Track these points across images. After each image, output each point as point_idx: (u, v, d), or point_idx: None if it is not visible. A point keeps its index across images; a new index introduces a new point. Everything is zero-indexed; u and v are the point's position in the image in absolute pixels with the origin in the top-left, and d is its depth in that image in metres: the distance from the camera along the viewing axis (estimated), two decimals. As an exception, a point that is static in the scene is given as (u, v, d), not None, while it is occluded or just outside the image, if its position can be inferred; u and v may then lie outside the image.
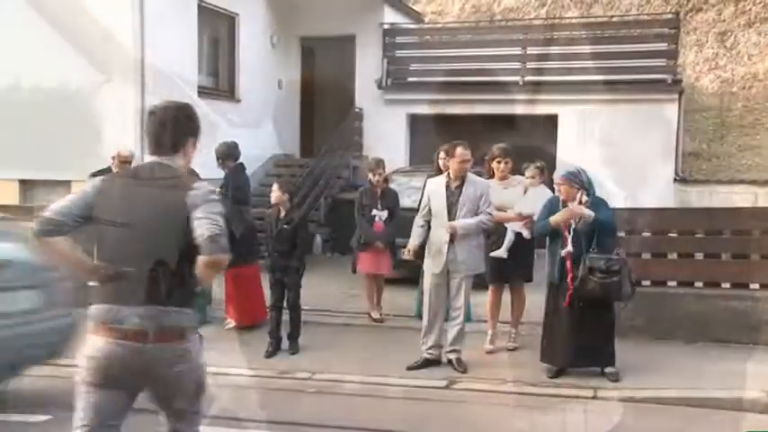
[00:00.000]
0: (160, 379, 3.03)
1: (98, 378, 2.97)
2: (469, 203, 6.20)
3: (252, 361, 6.70)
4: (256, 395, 6.00)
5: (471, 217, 6.20)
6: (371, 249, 8.07)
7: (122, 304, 2.94)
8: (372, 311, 8.20)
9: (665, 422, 5.26)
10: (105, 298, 2.99)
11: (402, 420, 5.27)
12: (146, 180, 3.07)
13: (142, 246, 2.96)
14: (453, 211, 6.22)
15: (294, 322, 7.05)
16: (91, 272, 3.08)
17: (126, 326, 2.91)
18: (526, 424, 5.21)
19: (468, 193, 6.23)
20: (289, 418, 5.28)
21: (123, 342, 2.92)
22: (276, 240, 6.96)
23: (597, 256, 5.85)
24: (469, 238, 6.23)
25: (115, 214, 3.00)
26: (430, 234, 6.35)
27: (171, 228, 2.95)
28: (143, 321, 2.91)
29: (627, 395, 5.73)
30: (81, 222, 3.05)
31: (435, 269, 6.29)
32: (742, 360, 6.42)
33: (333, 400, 5.86)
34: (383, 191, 8.25)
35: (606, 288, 5.79)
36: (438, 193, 6.34)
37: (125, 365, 2.94)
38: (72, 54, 10.34)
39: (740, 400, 5.53)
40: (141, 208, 3.00)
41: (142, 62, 10.47)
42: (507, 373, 6.24)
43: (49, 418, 5.38)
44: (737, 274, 7.27)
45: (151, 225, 2.97)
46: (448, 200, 6.25)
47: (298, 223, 7.09)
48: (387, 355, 6.95)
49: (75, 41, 10.32)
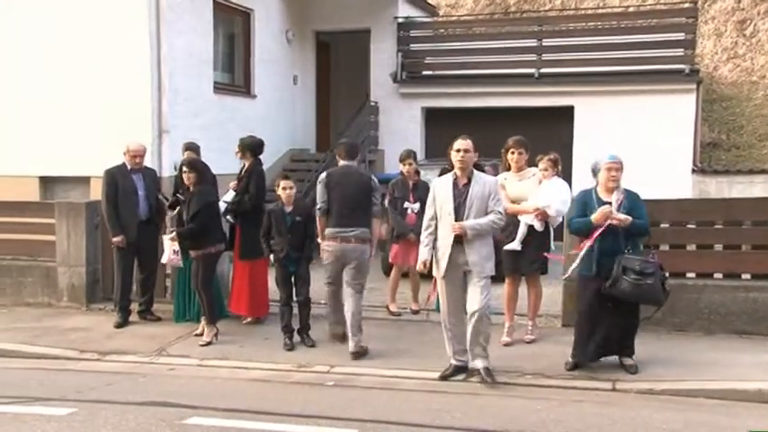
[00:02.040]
0: (355, 260, 6.70)
1: (333, 258, 6.76)
2: (478, 202, 5.85)
3: (271, 354, 6.77)
4: (278, 389, 6.07)
5: (479, 214, 5.86)
6: (405, 242, 8.08)
7: (344, 227, 6.69)
8: (391, 305, 8.20)
9: (685, 414, 5.24)
10: (336, 224, 6.72)
11: (420, 412, 5.29)
12: (352, 172, 6.86)
13: (353, 202, 6.72)
14: (461, 212, 5.85)
15: (305, 317, 7.05)
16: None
17: (347, 236, 6.65)
18: (547, 416, 5.21)
19: (475, 192, 5.88)
20: (307, 412, 5.32)
21: (345, 244, 6.68)
22: (290, 233, 6.94)
23: (632, 257, 5.75)
24: (480, 238, 5.89)
25: (342, 189, 6.75)
26: (437, 236, 5.99)
27: (364, 195, 6.80)
28: (354, 234, 6.66)
29: (646, 387, 5.73)
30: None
31: (441, 273, 5.96)
32: (763, 351, 6.41)
33: (352, 393, 5.90)
34: (415, 183, 8.24)
35: (639, 290, 5.68)
36: (444, 193, 5.96)
37: (345, 253, 6.71)
38: (89, 52, 10.45)
39: (761, 391, 5.51)
40: (352, 184, 6.78)
41: (158, 59, 10.52)
42: (526, 365, 6.24)
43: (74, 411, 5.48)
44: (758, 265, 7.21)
45: (357, 193, 6.76)
46: (455, 200, 5.88)
47: (308, 214, 7.12)
48: (406, 347, 6.98)
49: (93, 39, 10.42)
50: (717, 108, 14.04)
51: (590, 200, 5.97)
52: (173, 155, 10.30)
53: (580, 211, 5.99)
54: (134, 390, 6.03)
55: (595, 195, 5.98)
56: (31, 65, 10.82)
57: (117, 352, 7.13)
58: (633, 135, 12.08)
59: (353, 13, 14.06)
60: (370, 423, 5.04)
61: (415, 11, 15.08)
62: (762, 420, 5.07)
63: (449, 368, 6.09)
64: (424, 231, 6.08)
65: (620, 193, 5.91)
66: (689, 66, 12.67)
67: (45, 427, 5.14)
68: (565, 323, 7.39)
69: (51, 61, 10.68)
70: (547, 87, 13.13)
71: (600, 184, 6.01)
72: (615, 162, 5.91)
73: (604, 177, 5.92)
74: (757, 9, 15.43)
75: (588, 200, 5.98)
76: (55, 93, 10.69)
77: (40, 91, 10.77)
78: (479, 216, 5.84)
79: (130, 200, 7.96)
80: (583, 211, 5.96)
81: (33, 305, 8.83)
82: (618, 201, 5.85)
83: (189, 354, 6.97)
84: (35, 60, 10.79)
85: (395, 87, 14.08)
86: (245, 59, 12.85)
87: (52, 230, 8.76)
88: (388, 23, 14.11)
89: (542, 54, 13.50)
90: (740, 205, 7.84)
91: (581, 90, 12.97)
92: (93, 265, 8.75)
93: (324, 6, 14.08)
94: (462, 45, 14.41)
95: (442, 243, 5.94)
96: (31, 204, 9.69)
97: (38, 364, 6.96)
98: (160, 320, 8.08)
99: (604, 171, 5.91)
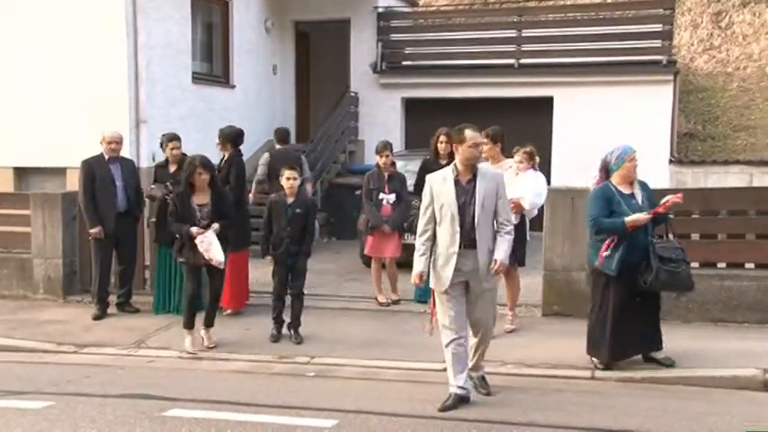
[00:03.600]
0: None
1: None
2: (487, 200, 5.10)
3: (254, 345, 6.74)
4: (259, 380, 6.03)
5: (490, 213, 5.14)
6: (379, 233, 8.06)
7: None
8: (379, 296, 8.16)
9: (664, 401, 5.28)
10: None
11: (402, 402, 5.29)
12: (288, 152, 6.51)
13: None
14: (468, 214, 5.07)
15: (297, 310, 6.94)
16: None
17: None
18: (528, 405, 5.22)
19: (482, 189, 5.10)
20: (288, 402, 5.30)
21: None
22: (289, 225, 6.83)
23: (666, 246, 5.55)
24: (491, 243, 5.15)
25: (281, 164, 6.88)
26: (436, 242, 5.20)
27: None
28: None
29: (626, 375, 5.77)
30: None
31: (444, 286, 5.14)
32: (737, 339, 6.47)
33: (332, 384, 5.88)
34: (390, 174, 8.20)
35: (677, 278, 5.48)
36: (446, 193, 5.12)
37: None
38: (65, 42, 10.28)
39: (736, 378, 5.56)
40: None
41: (135, 48, 10.38)
42: (507, 355, 6.24)
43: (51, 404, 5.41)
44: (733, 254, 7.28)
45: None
46: (458, 200, 5.08)
47: (310, 207, 7.06)
48: (386, 338, 6.97)
49: (69, 28, 10.24)
50: (693, 99, 14.16)
51: (612, 195, 5.60)
52: (150, 145, 10.20)
53: (603, 209, 5.59)
54: (113, 382, 5.96)
55: (616, 189, 5.64)
56: (5, 56, 10.63)
57: (95, 344, 7.05)
58: (611, 125, 12.13)
59: (333, 2, 13.98)
60: (351, 414, 5.03)
61: (394, 1, 15.01)
62: (737, 406, 5.14)
63: (449, 398, 5.16)
64: (420, 238, 5.25)
65: (638, 187, 5.69)
66: (666, 57, 12.75)
67: (20, 421, 5.07)
68: (545, 313, 7.45)
69: (27, 52, 10.50)
70: (526, 78, 13.15)
71: (618, 176, 5.67)
72: (634, 152, 5.68)
73: (627, 169, 5.63)
74: (732, 1, 15.56)
75: (611, 195, 5.61)
76: (30, 83, 10.53)
77: (15, 82, 10.60)
78: (488, 216, 5.13)
79: (108, 191, 7.85)
80: (607, 208, 5.57)
81: (8, 297, 8.70)
82: (640, 197, 5.63)
83: (169, 345, 6.91)
84: (10, 51, 10.60)
85: (375, 78, 14.03)
86: (224, 49, 12.73)
87: (27, 222, 8.64)
88: (367, 13, 14.04)
89: (522, 45, 13.52)
90: (717, 195, 7.89)
91: (560, 81, 13.01)
92: (70, 256, 8.64)
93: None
94: (442, 35, 14.40)
95: (443, 251, 5.12)
96: (5, 195, 9.55)
97: (13, 357, 6.88)
98: (139, 312, 8.00)
99: (627, 163, 5.61)
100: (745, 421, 4.76)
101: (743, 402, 5.25)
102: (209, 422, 4.93)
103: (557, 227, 7.36)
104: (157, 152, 9.16)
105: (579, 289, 7.29)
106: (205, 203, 6.56)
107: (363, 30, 14.06)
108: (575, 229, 7.28)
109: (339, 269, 9.82)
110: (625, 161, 5.64)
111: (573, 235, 7.31)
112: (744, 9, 15.44)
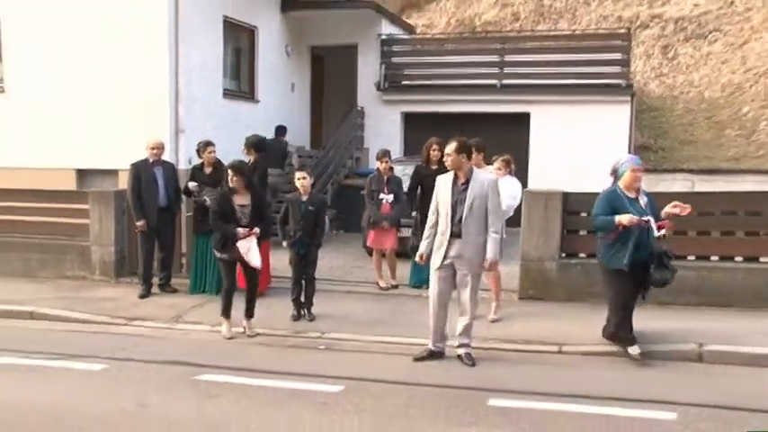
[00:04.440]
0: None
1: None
2: (479, 200, 5.30)
3: (273, 322, 6.74)
4: (277, 351, 6.06)
5: (479, 212, 5.32)
6: (379, 228, 8.05)
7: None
8: (380, 281, 8.14)
9: (624, 372, 5.29)
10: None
11: (398, 372, 5.30)
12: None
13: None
14: (458, 210, 5.33)
15: (310, 293, 6.93)
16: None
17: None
18: (506, 375, 5.23)
19: (473, 190, 5.32)
20: (302, 370, 5.32)
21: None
22: (302, 220, 6.80)
23: (664, 246, 5.38)
24: (475, 237, 5.34)
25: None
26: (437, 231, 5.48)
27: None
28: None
29: (589, 350, 5.75)
30: None
31: (436, 264, 5.45)
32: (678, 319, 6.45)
33: (339, 356, 5.89)
34: (389, 177, 8.18)
35: (671, 274, 5.35)
36: (444, 191, 5.43)
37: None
38: (118, 65, 10.29)
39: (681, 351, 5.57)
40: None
41: (176, 68, 10.36)
42: (488, 333, 6.24)
43: (105, 367, 5.44)
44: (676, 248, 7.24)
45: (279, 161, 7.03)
46: (453, 197, 5.35)
47: (321, 205, 7.04)
48: (386, 317, 6.98)
49: (121, 54, 10.26)
50: (646, 116, 14.16)
51: (618, 198, 5.42)
52: (187, 151, 10.20)
53: (605, 209, 5.44)
54: (155, 350, 5.99)
55: (623, 194, 5.44)
56: (72, 80, 10.61)
57: (141, 318, 7.08)
58: (579, 138, 12.13)
59: (343, 30, 13.93)
60: (355, 381, 5.05)
61: (395, 29, 14.97)
62: (677, 372, 5.15)
63: (424, 352, 5.59)
64: (427, 225, 5.57)
65: (642, 194, 5.50)
66: (624, 81, 12.72)
67: (82, 380, 5.14)
68: (521, 297, 7.42)
69: (87, 75, 10.49)
70: (507, 96, 13.09)
71: (623, 183, 5.48)
72: (641, 166, 5.52)
73: (630, 178, 5.43)
74: (677, 36, 15.66)
75: (616, 198, 5.43)
76: (89, 100, 10.50)
77: (79, 98, 10.57)
78: (480, 213, 5.32)
79: (151, 189, 7.86)
80: (609, 208, 5.41)
81: (71, 278, 8.73)
82: (644, 203, 5.46)
83: (202, 321, 6.93)
84: (74, 75, 10.59)
85: (378, 95, 13.99)
86: (250, 69, 12.69)
87: (87, 215, 8.68)
88: (372, 40, 13.99)
89: (503, 68, 13.48)
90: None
91: (536, 99, 12.97)
92: (121, 244, 8.65)
93: (318, 25, 13.93)
94: (436, 59, 14.34)
95: (439, 237, 5.43)
96: (69, 193, 9.58)
97: (75, 327, 6.94)
98: (177, 292, 8.01)
99: (630, 173, 5.42)
100: (687, 383, 4.81)
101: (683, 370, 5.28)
102: (234, 385, 4.97)
103: (533, 223, 7.35)
104: (193, 157, 9.14)
105: (551, 277, 7.31)
106: (246, 204, 6.30)
107: (369, 54, 14.01)
108: (547, 226, 7.28)
109: (346, 258, 9.82)
110: (628, 170, 5.44)
111: (546, 230, 7.30)
112: (687, 43, 15.50)
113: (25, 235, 9.00)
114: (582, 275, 7.20)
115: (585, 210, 7.30)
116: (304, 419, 4.32)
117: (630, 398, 4.64)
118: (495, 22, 17.64)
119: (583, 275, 7.19)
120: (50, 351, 5.91)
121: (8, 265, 8.94)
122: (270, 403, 4.63)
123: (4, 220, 9.07)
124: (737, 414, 4.32)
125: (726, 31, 15.19)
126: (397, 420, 4.28)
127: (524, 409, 4.44)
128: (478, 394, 4.74)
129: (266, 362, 5.63)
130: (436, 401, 4.62)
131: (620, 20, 16.26)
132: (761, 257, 7.02)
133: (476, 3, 18.52)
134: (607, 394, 4.72)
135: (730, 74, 14.48)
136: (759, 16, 15.08)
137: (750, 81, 14.06)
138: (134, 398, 4.72)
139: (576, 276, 7.25)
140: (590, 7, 16.99)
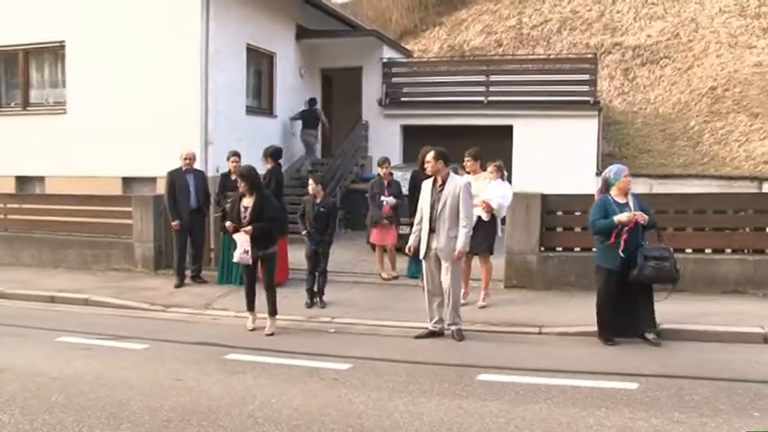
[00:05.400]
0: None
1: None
2: (450, 200, 5.43)
3: (290, 309, 6.71)
4: (293, 334, 6.04)
5: (451, 210, 5.43)
6: (380, 226, 8.02)
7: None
8: (382, 272, 8.10)
9: (592, 349, 5.25)
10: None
11: (399, 352, 5.28)
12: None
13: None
14: (436, 208, 5.48)
15: (322, 284, 6.91)
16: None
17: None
18: (495, 353, 5.20)
19: (448, 191, 5.46)
20: (315, 351, 5.30)
21: None
22: (315, 220, 6.79)
23: (651, 247, 5.26)
24: (447, 231, 5.44)
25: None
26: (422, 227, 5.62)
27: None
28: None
29: (563, 330, 5.72)
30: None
31: (422, 255, 5.60)
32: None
33: (348, 338, 5.87)
34: (389, 181, 8.16)
35: (660, 272, 5.15)
36: (426, 192, 5.61)
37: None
38: (156, 87, 10.27)
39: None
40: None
41: (206, 89, 10.34)
42: (478, 317, 6.22)
43: (147, 346, 5.43)
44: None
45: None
46: (432, 198, 5.51)
47: (331, 207, 7.02)
48: (388, 304, 6.96)
49: (159, 77, 10.24)
50: (612, 129, 14.18)
51: (609, 204, 5.34)
52: (215, 160, 10.19)
53: (601, 214, 5.32)
54: (188, 333, 5.99)
55: (612, 200, 5.37)
56: (121, 99, 10.56)
57: (176, 305, 7.08)
58: (554, 147, 12.06)
59: (350, 55, 13.89)
60: (361, 359, 5.04)
61: (395, 53, 14.95)
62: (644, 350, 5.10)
63: (425, 332, 5.65)
64: (414, 222, 5.74)
65: (631, 197, 5.41)
66: (592, 98, 12.67)
67: (127, 357, 5.18)
68: (506, 285, 7.37)
69: (133, 95, 10.45)
70: (492, 111, 13.03)
71: (616, 189, 5.40)
72: (628, 173, 5.45)
73: (622, 184, 5.37)
74: (635, 61, 15.75)
75: (608, 203, 5.35)
76: (131, 117, 10.47)
77: (125, 117, 10.54)
78: (452, 211, 5.43)
79: (184, 194, 7.86)
80: (603, 213, 5.31)
81: (118, 270, 8.76)
82: (632, 205, 5.36)
83: (228, 308, 6.92)
84: (123, 95, 10.53)
85: (380, 110, 13.94)
86: (269, 89, 12.65)
87: (130, 216, 8.72)
88: (375, 63, 13.95)
89: (489, 86, 13.43)
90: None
91: (517, 113, 12.89)
92: (159, 241, 8.65)
93: (328, 50, 13.90)
94: (431, 79, 14.29)
95: (423, 232, 5.58)
96: (116, 197, 9.63)
97: (121, 312, 6.96)
98: (207, 283, 8.01)
99: (623, 178, 5.37)
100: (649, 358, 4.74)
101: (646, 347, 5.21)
102: (256, 363, 4.97)
103: (516, 222, 7.32)
104: (221, 165, 9.13)
105: (532, 268, 7.27)
106: (249, 206, 6.10)
107: (372, 75, 13.97)
108: (529, 223, 7.25)
109: (353, 253, 9.80)
110: (621, 177, 5.38)
111: (527, 227, 7.26)
112: (643, 67, 15.55)
113: (81, 234, 9.11)
114: (558, 267, 7.18)
115: (561, 209, 7.30)
116: (317, 393, 4.31)
117: (599, 371, 4.62)
118: (482, 47, 17.63)
119: (559, 267, 7.16)
120: (102, 332, 5.93)
121: (68, 260, 9.11)
122: (287, 379, 4.61)
123: (65, 221, 9.22)
124: (687, 382, 4.33)
125: (674, 57, 15.35)
126: (398, 394, 4.26)
127: (509, 382, 4.42)
128: (469, 370, 4.72)
129: (284, 343, 5.62)
130: (432, 377, 4.59)
131: (587, 46, 16.32)
132: (706, 249, 7.01)
133: (465, 31, 18.52)
134: (579, 368, 4.70)
135: (679, 93, 14.61)
136: (699, 46, 15.28)
137: (695, 100, 14.25)
138: (171, 373, 4.72)
139: (552, 268, 7.22)
140: (562, 35, 17.10)
